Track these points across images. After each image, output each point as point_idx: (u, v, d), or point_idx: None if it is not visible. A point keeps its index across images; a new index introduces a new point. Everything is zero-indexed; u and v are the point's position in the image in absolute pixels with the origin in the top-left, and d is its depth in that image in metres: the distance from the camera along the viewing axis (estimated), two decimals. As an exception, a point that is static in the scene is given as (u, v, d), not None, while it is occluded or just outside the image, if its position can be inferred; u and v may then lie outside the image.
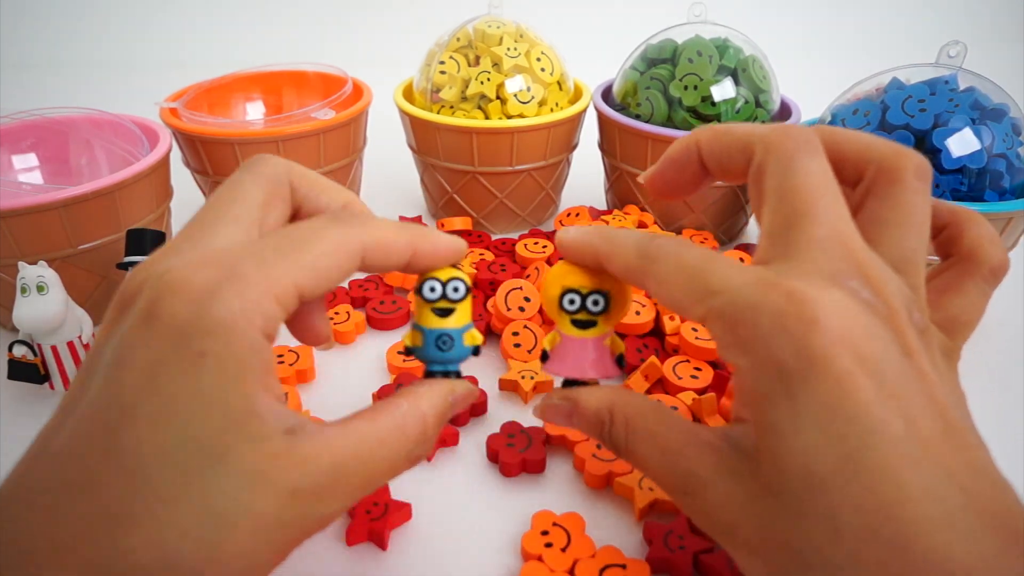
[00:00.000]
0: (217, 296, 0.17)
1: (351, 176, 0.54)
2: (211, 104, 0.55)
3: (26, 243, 0.38)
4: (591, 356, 0.24)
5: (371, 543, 0.30)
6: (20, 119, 0.47)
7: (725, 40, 0.50)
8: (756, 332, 0.17)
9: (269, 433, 0.17)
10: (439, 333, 0.23)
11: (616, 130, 0.51)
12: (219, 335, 0.17)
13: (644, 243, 0.21)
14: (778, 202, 0.20)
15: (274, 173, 0.22)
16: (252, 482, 0.17)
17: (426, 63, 0.53)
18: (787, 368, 0.17)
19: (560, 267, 0.24)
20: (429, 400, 0.22)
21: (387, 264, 0.21)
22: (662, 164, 0.25)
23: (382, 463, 0.20)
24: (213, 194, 0.22)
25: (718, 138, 0.22)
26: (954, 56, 0.43)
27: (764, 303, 0.17)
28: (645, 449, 0.21)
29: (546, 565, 0.28)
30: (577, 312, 0.23)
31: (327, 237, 0.20)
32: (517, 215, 0.54)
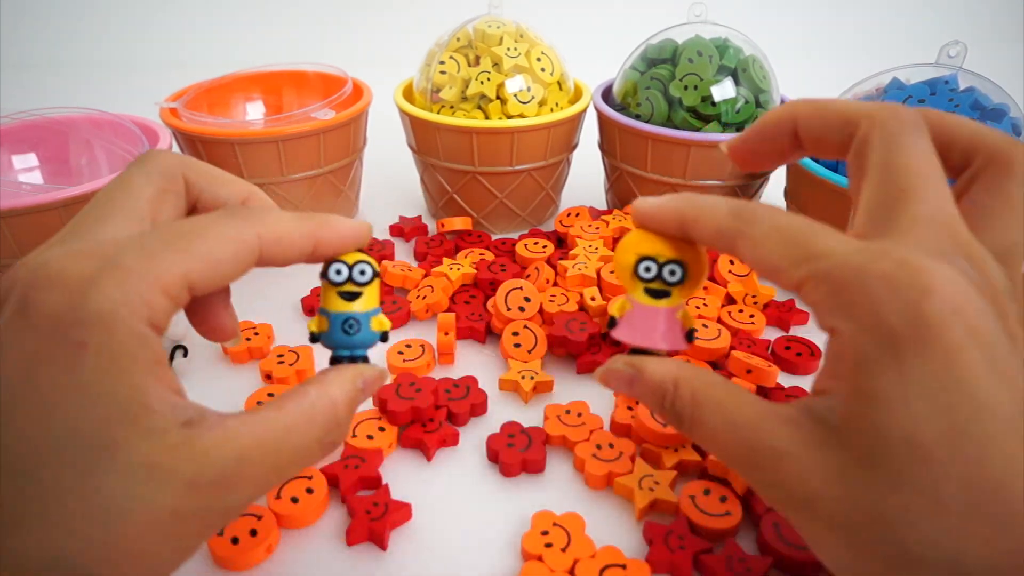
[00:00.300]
0: (95, 286, 0.17)
1: (351, 176, 0.54)
2: (211, 104, 0.55)
3: (26, 243, 0.38)
4: (662, 327, 0.23)
5: (371, 543, 0.30)
6: (20, 119, 0.47)
7: (725, 40, 0.50)
8: (865, 296, 0.17)
9: (165, 426, 0.17)
10: (345, 317, 0.23)
11: (616, 130, 0.51)
12: (99, 326, 0.17)
13: (738, 205, 0.21)
14: (882, 178, 0.19)
15: (166, 167, 0.22)
16: (146, 475, 0.16)
17: (426, 63, 0.53)
18: (897, 334, 0.17)
19: (637, 234, 0.23)
20: (339, 385, 0.21)
21: (288, 256, 0.21)
22: (751, 133, 0.24)
23: (291, 451, 0.19)
24: (102, 188, 0.21)
25: (819, 111, 0.22)
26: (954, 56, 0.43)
27: (875, 268, 0.17)
28: (714, 420, 0.20)
29: (546, 565, 0.28)
30: (652, 280, 0.23)
31: (219, 229, 0.19)
32: (517, 215, 0.54)
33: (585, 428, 0.34)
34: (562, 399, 0.37)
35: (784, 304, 0.44)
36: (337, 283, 0.23)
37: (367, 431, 0.34)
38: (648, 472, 0.32)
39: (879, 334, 0.17)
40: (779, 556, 0.28)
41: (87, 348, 0.16)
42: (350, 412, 0.22)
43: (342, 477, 0.31)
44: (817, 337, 0.42)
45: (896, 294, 0.17)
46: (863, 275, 0.17)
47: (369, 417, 0.35)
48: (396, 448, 0.35)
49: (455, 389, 0.37)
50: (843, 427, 0.18)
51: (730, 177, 0.49)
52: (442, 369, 0.40)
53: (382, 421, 0.35)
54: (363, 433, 0.34)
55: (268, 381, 0.39)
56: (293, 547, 0.30)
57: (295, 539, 0.30)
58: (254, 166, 0.47)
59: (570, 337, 0.39)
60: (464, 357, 0.41)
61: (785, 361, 0.40)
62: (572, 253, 0.45)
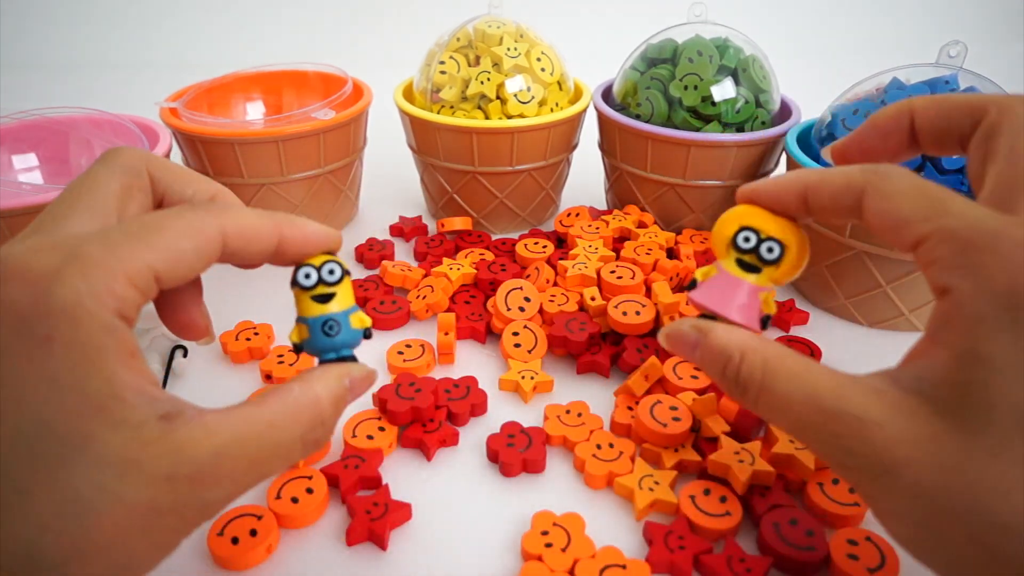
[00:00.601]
0: (59, 278, 0.17)
1: (351, 176, 0.54)
2: (211, 104, 0.55)
3: (26, 243, 0.38)
4: (742, 299, 0.22)
5: (371, 543, 0.30)
6: (20, 119, 0.47)
7: (725, 40, 0.50)
8: (993, 257, 0.17)
9: (140, 419, 0.17)
10: (323, 319, 0.23)
11: (616, 130, 0.51)
12: (65, 318, 0.16)
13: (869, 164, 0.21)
14: (1009, 161, 0.19)
15: (131, 164, 0.22)
16: (120, 470, 0.16)
17: (426, 63, 0.53)
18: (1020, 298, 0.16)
19: (744, 207, 0.22)
20: (324, 383, 0.21)
21: (252, 251, 0.21)
22: (866, 129, 0.24)
23: (271, 447, 0.19)
24: (68, 184, 0.21)
25: (940, 103, 0.22)
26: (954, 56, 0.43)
27: (1007, 231, 0.17)
28: (788, 388, 0.20)
29: (546, 565, 0.28)
30: (748, 252, 0.22)
31: (182, 221, 0.19)
32: (517, 215, 0.54)
33: (585, 428, 0.34)
34: (562, 399, 0.37)
35: (784, 304, 0.44)
36: (308, 287, 0.22)
37: (367, 431, 0.34)
38: (648, 472, 0.32)
39: (1002, 296, 0.17)
40: (779, 556, 0.28)
41: (54, 341, 0.16)
42: (336, 411, 0.21)
43: (342, 477, 0.31)
44: (817, 337, 0.42)
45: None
46: (996, 237, 0.17)
47: (369, 417, 0.35)
48: (396, 448, 0.35)
49: (455, 389, 0.37)
50: (942, 393, 0.18)
51: (730, 177, 0.49)
52: (442, 369, 0.40)
53: (382, 421, 0.35)
54: (363, 433, 0.34)
55: (268, 381, 0.39)
56: (293, 547, 0.30)
57: (295, 539, 0.30)
58: (254, 166, 0.47)
59: (570, 337, 0.39)
60: (464, 357, 0.41)
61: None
62: (572, 253, 0.45)
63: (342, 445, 0.34)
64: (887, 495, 0.18)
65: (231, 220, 0.20)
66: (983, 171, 0.21)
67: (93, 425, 0.16)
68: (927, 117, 0.22)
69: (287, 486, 0.31)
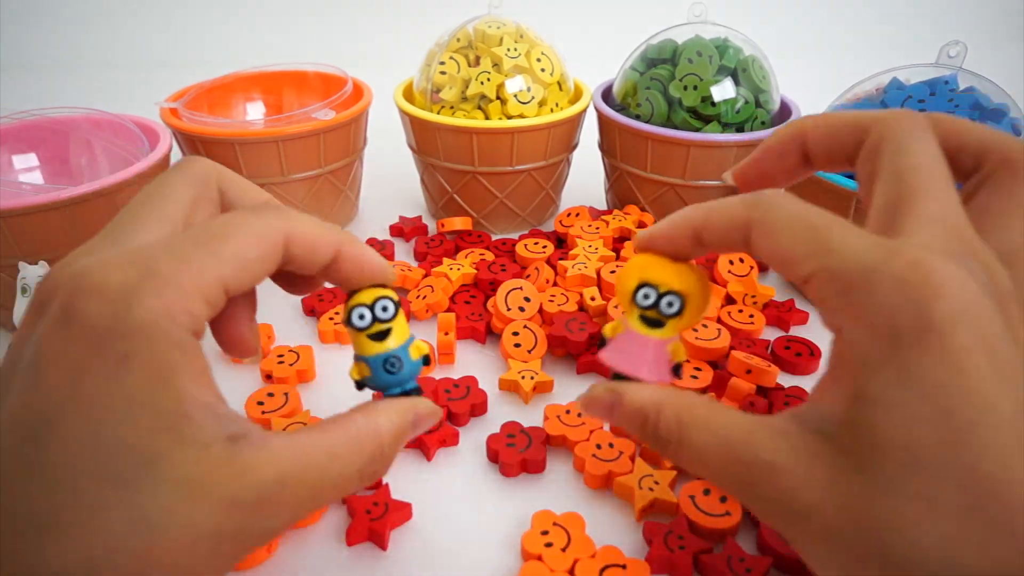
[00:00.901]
0: (136, 297, 0.17)
1: (351, 176, 0.54)
2: (211, 104, 0.55)
3: (26, 243, 0.38)
4: (649, 356, 0.22)
5: (371, 543, 0.30)
6: (20, 119, 0.47)
7: (725, 40, 0.50)
8: (874, 296, 0.17)
9: (207, 439, 0.17)
10: (384, 357, 0.22)
11: (616, 130, 0.51)
12: (141, 337, 0.16)
13: (753, 197, 0.20)
14: (892, 180, 0.19)
15: (203, 173, 0.22)
16: (188, 491, 0.16)
17: (426, 63, 0.53)
18: (900, 336, 0.16)
19: (643, 258, 0.22)
20: (387, 417, 0.21)
21: (311, 259, 0.21)
22: (761, 153, 0.24)
23: (331, 477, 0.19)
24: (140, 191, 0.21)
25: (828, 122, 0.22)
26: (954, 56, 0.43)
27: (886, 267, 0.17)
28: (702, 439, 0.20)
29: (546, 565, 0.28)
30: (649, 309, 0.22)
31: (248, 227, 0.19)
32: (517, 215, 0.54)
33: (585, 428, 0.34)
34: (562, 399, 0.37)
35: (784, 304, 0.44)
36: (363, 328, 0.22)
37: (367, 431, 0.34)
38: (648, 472, 0.32)
39: (883, 335, 0.17)
40: (779, 556, 0.28)
41: (131, 359, 0.16)
42: (396, 446, 0.21)
43: (342, 477, 0.31)
44: (817, 337, 0.42)
45: (905, 294, 0.16)
46: (873, 274, 0.17)
47: (369, 417, 0.35)
48: (396, 448, 0.35)
49: (455, 389, 0.37)
50: (839, 433, 0.17)
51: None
52: (442, 369, 0.40)
53: (382, 421, 0.35)
54: (363, 433, 0.34)
55: (268, 381, 0.39)
56: (293, 547, 0.30)
57: (295, 539, 0.30)
58: (254, 166, 0.47)
59: (570, 337, 0.39)
60: (464, 357, 0.41)
61: (785, 361, 0.40)
62: (572, 253, 0.46)
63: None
64: (805, 540, 0.18)
65: (294, 226, 0.20)
66: (870, 189, 0.20)
67: (164, 444, 0.16)
68: (816, 137, 0.22)
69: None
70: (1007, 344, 0.17)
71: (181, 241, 0.18)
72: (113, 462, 0.16)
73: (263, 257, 0.19)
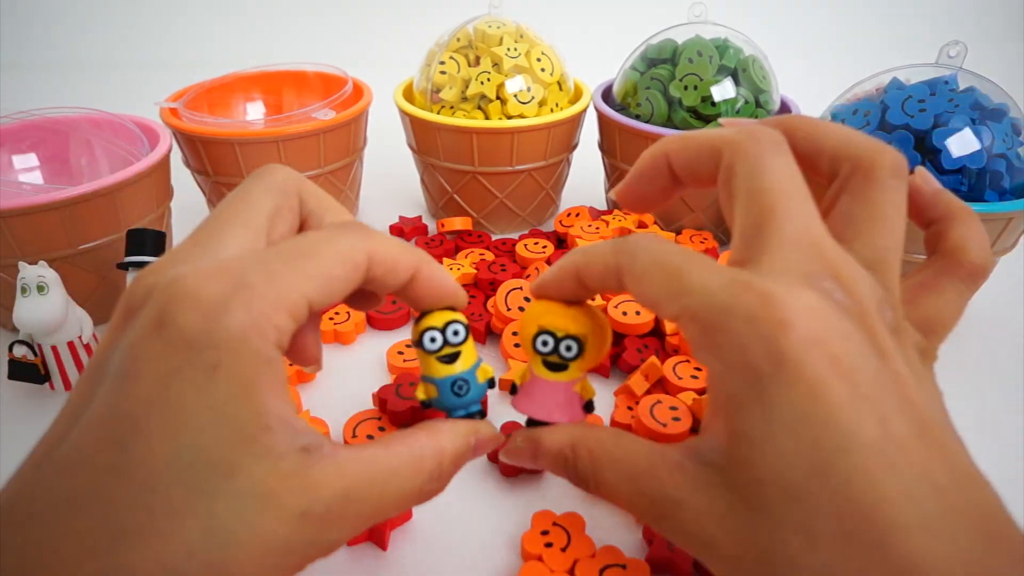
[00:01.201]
0: (228, 308, 0.17)
1: (351, 176, 0.54)
2: (211, 104, 0.55)
3: (26, 243, 0.38)
4: (559, 399, 0.23)
5: (371, 543, 0.30)
6: (20, 119, 0.47)
7: (725, 40, 0.50)
8: (728, 335, 0.17)
9: (282, 451, 0.17)
10: (452, 379, 0.23)
11: (616, 130, 0.51)
12: (231, 348, 0.17)
13: (620, 243, 0.21)
14: (747, 202, 0.19)
15: (285, 183, 0.22)
16: (262, 502, 0.17)
17: (426, 63, 0.53)
18: (759, 373, 0.17)
19: (539, 305, 0.23)
20: (450, 437, 0.21)
21: (390, 279, 0.21)
22: (633, 177, 0.24)
23: (393, 493, 0.19)
24: (224, 199, 0.21)
25: (685, 145, 0.22)
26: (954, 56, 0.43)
27: (736, 305, 0.17)
28: (612, 477, 0.20)
29: (546, 565, 0.28)
30: (549, 355, 0.23)
31: (335, 246, 0.20)
32: (517, 215, 0.54)
33: (585, 428, 0.34)
34: (562, 399, 0.37)
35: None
36: (433, 351, 0.22)
37: (367, 431, 0.34)
38: (648, 472, 0.32)
39: (743, 374, 0.17)
40: (779, 556, 0.28)
41: (219, 370, 0.17)
42: (456, 467, 0.21)
43: (342, 477, 0.31)
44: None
45: (756, 331, 0.17)
46: (726, 314, 0.17)
47: (369, 417, 0.35)
48: (396, 448, 0.35)
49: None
50: (725, 467, 0.18)
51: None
52: (442, 369, 0.40)
53: (382, 421, 0.35)
54: (363, 433, 0.34)
55: (268, 381, 0.39)
56: (293, 547, 0.30)
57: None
58: (254, 166, 0.47)
59: (570, 337, 0.39)
60: (464, 357, 0.41)
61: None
62: (572, 253, 0.45)
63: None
64: (717, 568, 0.19)
65: (377, 246, 0.20)
66: (731, 214, 0.21)
67: (241, 455, 0.17)
68: (678, 159, 0.22)
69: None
70: (869, 360, 0.17)
71: (271, 256, 0.19)
72: (194, 470, 0.16)
73: (347, 276, 0.20)
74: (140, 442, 0.16)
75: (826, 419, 0.16)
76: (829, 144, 0.21)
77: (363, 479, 0.18)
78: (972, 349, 0.43)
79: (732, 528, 0.18)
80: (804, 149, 0.21)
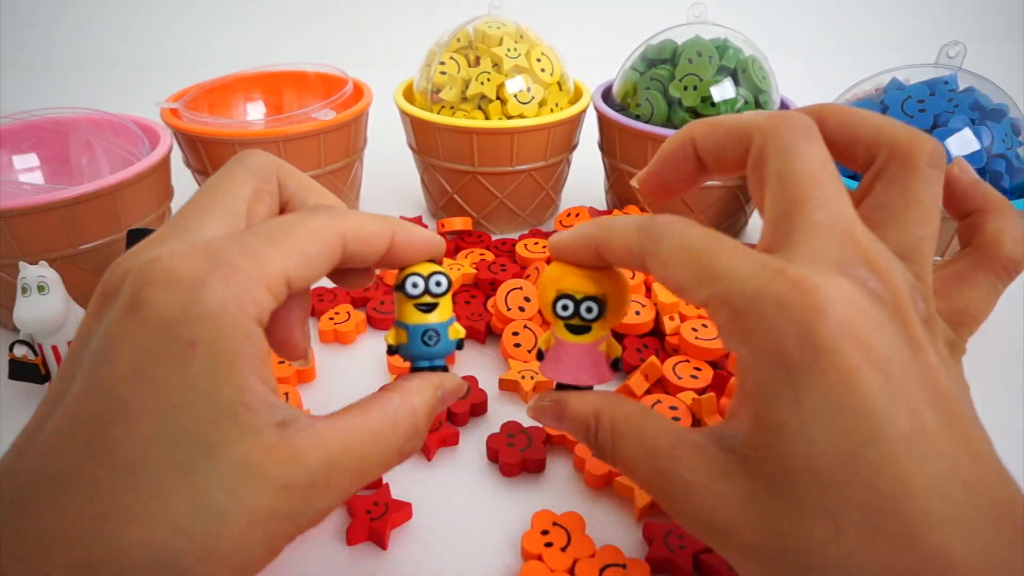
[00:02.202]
0: (206, 285, 0.17)
1: (351, 176, 0.54)
2: (212, 104, 0.55)
3: (27, 243, 0.38)
4: (585, 361, 0.23)
5: (371, 543, 0.30)
6: (20, 119, 0.47)
7: (725, 40, 0.50)
8: (760, 322, 0.17)
9: (261, 426, 0.17)
10: (424, 328, 0.23)
11: (616, 130, 0.51)
12: (209, 324, 0.17)
13: (646, 222, 0.20)
14: (779, 188, 0.19)
15: (263, 168, 0.22)
16: (245, 476, 0.17)
17: (426, 63, 0.53)
18: (791, 360, 0.16)
19: (556, 269, 0.23)
20: (420, 394, 0.21)
21: (368, 253, 0.21)
22: (657, 163, 0.24)
23: (374, 457, 0.19)
24: (203, 185, 0.21)
25: (713, 130, 0.22)
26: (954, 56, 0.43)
27: (769, 291, 0.17)
28: (631, 452, 0.20)
29: (546, 565, 0.28)
30: (571, 318, 0.23)
31: (308, 225, 0.20)
32: (517, 215, 0.54)
33: (585, 428, 0.34)
34: (562, 399, 0.37)
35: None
36: (414, 296, 0.23)
37: (367, 431, 0.34)
38: (648, 472, 0.32)
39: (774, 360, 0.17)
40: (779, 556, 0.28)
41: (198, 346, 0.17)
42: (429, 422, 0.22)
43: (342, 477, 0.31)
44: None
45: (789, 318, 0.17)
46: (758, 300, 0.17)
47: (369, 417, 0.35)
48: (396, 448, 0.35)
49: (455, 389, 0.37)
50: (749, 455, 0.18)
51: (729, 177, 0.49)
52: (442, 369, 0.40)
53: (382, 421, 0.35)
54: (363, 433, 0.34)
55: (268, 381, 0.39)
56: (293, 547, 0.29)
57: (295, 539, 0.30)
58: (254, 166, 0.47)
59: (570, 337, 0.39)
60: (464, 357, 0.41)
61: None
62: (572, 253, 0.45)
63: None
64: (729, 554, 0.18)
65: (351, 224, 0.21)
66: (760, 199, 0.20)
67: (223, 431, 0.17)
68: (706, 145, 0.22)
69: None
70: (901, 351, 0.17)
71: (249, 235, 0.19)
72: (176, 448, 0.16)
73: (323, 253, 0.20)
74: (120, 423, 0.16)
75: (857, 409, 0.16)
76: (865, 131, 0.21)
77: (343, 446, 0.19)
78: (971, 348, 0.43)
79: (752, 515, 0.17)
80: (837, 136, 0.21)
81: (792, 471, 0.17)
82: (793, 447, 0.17)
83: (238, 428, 0.17)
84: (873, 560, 0.16)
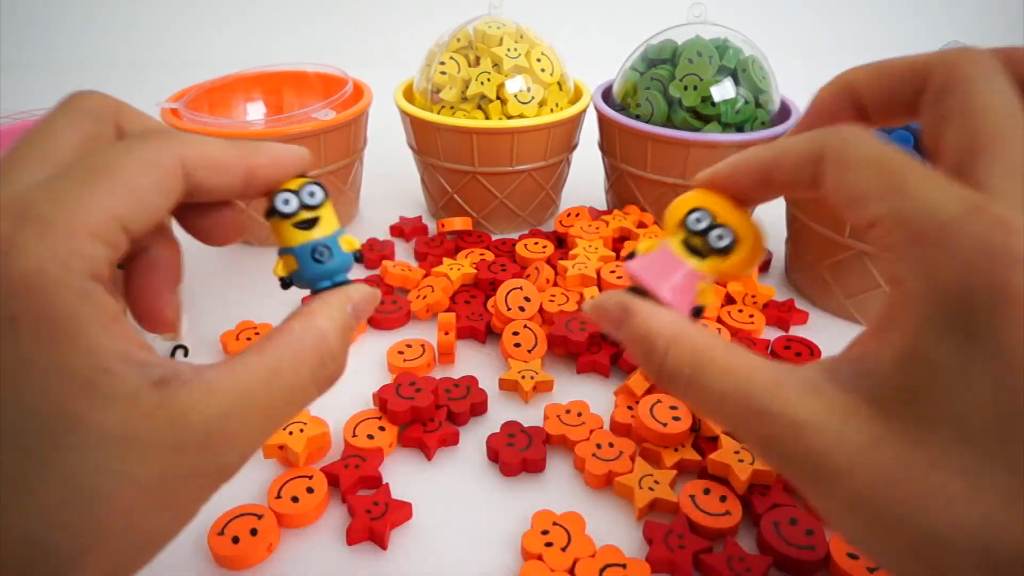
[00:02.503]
0: (13, 249, 0.15)
1: (351, 176, 0.54)
2: (212, 104, 0.55)
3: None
4: (677, 280, 0.20)
5: (371, 543, 0.30)
6: (20, 119, 0.47)
7: (725, 40, 0.50)
8: (948, 252, 0.15)
9: (131, 390, 0.15)
10: (311, 246, 0.21)
11: (616, 130, 0.51)
12: (27, 292, 0.15)
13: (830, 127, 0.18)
14: (965, 124, 0.18)
15: (97, 109, 0.19)
16: (121, 448, 0.15)
17: (426, 63, 0.53)
18: (973, 302, 0.15)
19: (700, 192, 0.21)
20: (326, 314, 0.20)
21: (220, 183, 0.19)
22: (810, 116, 0.22)
23: (282, 394, 0.18)
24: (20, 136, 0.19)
25: (880, 71, 0.20)
26: (954, 56, 0.43)
27: (968, 223, 0.15)
28: (720, 385, 0.18)
29: (546, 564, 0.28)
30: (697, 234, 0.21)
31: (135, 154, 0.17)
32: (517, 215, 0.54)
33: (585, 428, 0.34)
34: (562, 399, 0.37)
35: (784, 304, 0.44)
36: (289, 213, 0.21)
37: (367, 431, 0.34)
38: (648, 472, 0.32)
39: (953, 296, 0.15)
40: (779, 556, 0.28)
41: (21, 320, 0.15)
42: (344, 341, 0.20)
43: (342, 477, 0.31)
44: (817, 337, 0.42)
45: (985, 258, 0.15)
46: (951, 228, 0.15)
47: (369, 417, 0.35)
48: (396, 448, 0.35)
49: (455, 389, 0.37)
50: (884, 395, 0.16)
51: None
52: (442, 369, 0.40)
53: (382, 421, 0.35)
54: (363, 433, 0.34)
55: (268, 381, 0.39)
56: (293, 547, 0.30)
57: (295, 539, 0.30)
58: (254, 166, 0.47)
59: (570, 337, 0.39)
60: (464, 357, 0.41)
61: (785, 361, 0.40)
62: (572, 253, 0.46)
63: (342, 445, 0.34)
64: (827, 501, 0.17)
65: (190, 148, 0.18)
66: (939, 136, 0.19)
67: (80, 404, 0.15)
68: (870, 88, 0.21)
69: (287, 485, 0.31)
70: None
71: (58, 180, 0.16)
72: (27, 435, 0.15)
73: (159, 186, 0.17)
74: None
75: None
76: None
77: (238, 393, 0.17)
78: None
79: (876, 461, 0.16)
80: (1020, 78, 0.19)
81: (941, 419, 0.15)
82: (949, 393, 0.15)
83: (100, 397, 0.15)
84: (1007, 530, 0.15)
